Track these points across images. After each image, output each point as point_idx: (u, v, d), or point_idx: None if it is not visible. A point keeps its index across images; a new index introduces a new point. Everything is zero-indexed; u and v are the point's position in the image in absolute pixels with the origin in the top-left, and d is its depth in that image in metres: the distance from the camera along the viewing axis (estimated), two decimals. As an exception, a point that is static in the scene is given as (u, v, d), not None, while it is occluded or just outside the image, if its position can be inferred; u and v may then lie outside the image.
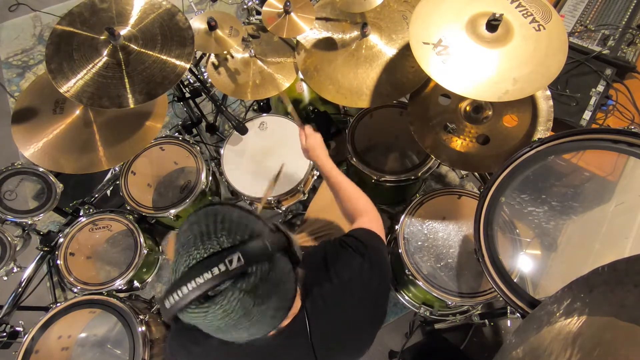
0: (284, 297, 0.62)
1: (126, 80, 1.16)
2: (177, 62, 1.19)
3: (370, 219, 0.96)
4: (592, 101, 1.36)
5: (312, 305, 0.77)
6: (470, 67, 1.06)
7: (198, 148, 1.76)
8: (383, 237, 0.93)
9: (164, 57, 1.19)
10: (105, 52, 1.18)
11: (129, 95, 1.14)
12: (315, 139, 1.15)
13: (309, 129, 1.18)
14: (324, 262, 0.84)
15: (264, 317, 0.59)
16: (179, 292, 0.53)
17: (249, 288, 0.55)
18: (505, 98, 1.02)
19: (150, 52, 1.20)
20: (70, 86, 1.14)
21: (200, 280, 0.53)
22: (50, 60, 1.15)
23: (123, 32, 1.19)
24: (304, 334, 0.75)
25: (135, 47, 1.19)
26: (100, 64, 1.17)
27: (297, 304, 0.75)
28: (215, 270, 0.53)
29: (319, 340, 0.77)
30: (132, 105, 1.13)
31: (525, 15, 1.09)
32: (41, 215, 1.53)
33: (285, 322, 0.74)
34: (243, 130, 1.58)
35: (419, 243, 1.51)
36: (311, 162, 1.60)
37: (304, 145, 1.17)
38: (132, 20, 1.23)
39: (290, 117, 1.68)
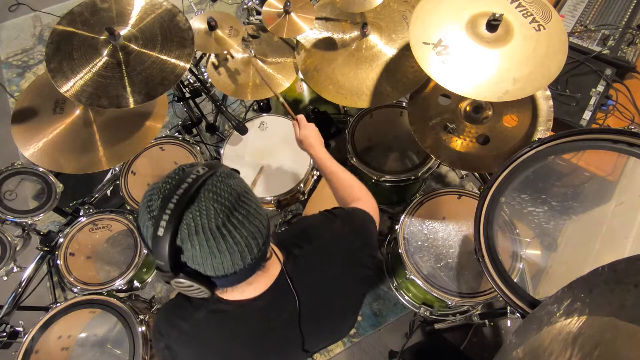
0: (254, 215, 0.62)
1: (126, 80, 1.16)
2: (177, 63, 1.19)
3: (364, 202, 0.96)
4: (592, 101, 1.36)
5: (293, 265, 0.77)
6: (470, 67, 1.06)
7: (198, 148, 1.75)
8: (375, 217, 0.93)
9: (164, 58, 1.19)
10: (105, 52, 1.18)
11: (129, 96, 1.14)
12: (309, 130, 1.14)
13: (302, 119, 1.17)
14: (305, 229, 0.86)
15: (239, 234, 0.59)
16: (166, 212, 0.55)
17: (218, 189, 0.58)
18: (505, 98, 1.02)
19: (150, 52, 1.20)
20: (70, 86, 1.14)
21: (180, 191, 0.56)
22: (50, 59, 1.15)
23: (123, 32, 1.19)
24: (289, 295, 0.75)
25: (135, 47, 1.19)
26: (100, 64, 1.17)
27: (277, 264, 0.75)
28: (189, 180, 0.57)
29: (306, 300, 0.77)
30: (131, 106, 1.13)
31: (525, 15, 1.10)
32: (41, 215, 1.53)
33: (267, 283, 0.73)
34: (243, 130, 1.58)
35: (419, 243, 1.51)
36: (311, 162, 1.60)
37: (298, 136, 1.16)
38: (132, 21, 1.23)
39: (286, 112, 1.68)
